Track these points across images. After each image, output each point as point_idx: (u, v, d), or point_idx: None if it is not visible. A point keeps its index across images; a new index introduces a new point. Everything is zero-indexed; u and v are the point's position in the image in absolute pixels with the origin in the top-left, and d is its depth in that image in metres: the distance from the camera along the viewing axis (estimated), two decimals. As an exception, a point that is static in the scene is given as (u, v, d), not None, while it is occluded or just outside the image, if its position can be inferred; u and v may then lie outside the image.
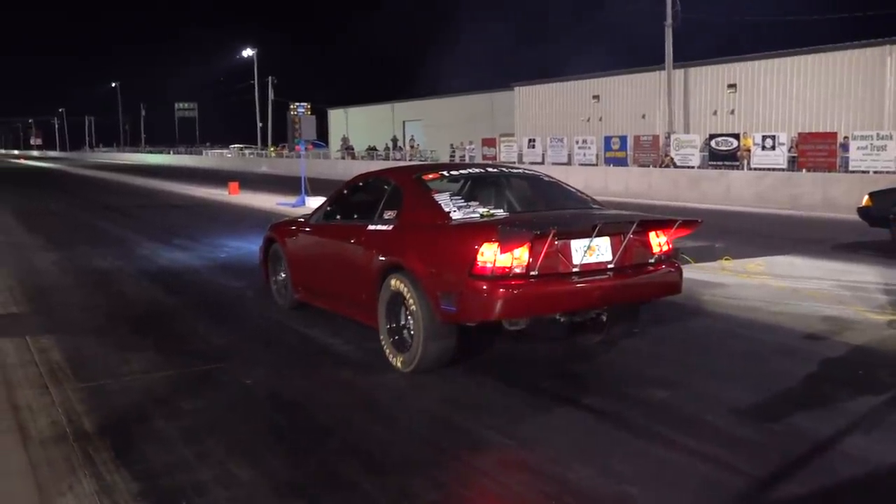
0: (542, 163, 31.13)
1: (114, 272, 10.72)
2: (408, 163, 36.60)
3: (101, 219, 19.10)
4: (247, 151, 69.32)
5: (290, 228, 8.12)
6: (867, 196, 13.60)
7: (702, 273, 9.78)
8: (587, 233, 5.53)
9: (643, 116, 36.77)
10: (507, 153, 34.23)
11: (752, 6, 45.90)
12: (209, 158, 70.60)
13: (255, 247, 9.43)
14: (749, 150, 24.45)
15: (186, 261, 11.76)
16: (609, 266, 5.70)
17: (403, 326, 5.99)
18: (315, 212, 7.87)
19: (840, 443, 4.44)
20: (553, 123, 40.66)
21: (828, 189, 20.20)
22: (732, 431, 4.65)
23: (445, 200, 6.08)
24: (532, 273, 5.37)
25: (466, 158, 36.83)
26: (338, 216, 7.35)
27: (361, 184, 7.53)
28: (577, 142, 31.04)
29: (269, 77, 65.57)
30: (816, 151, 22.87)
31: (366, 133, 57.91)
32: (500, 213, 6.03)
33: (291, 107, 21.03)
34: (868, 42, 29.05)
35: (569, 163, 30.74)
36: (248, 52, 66.89)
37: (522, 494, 3.94)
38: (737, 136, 25.80)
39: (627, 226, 5.73)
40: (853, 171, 21.09)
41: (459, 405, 5.19)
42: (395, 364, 5.95)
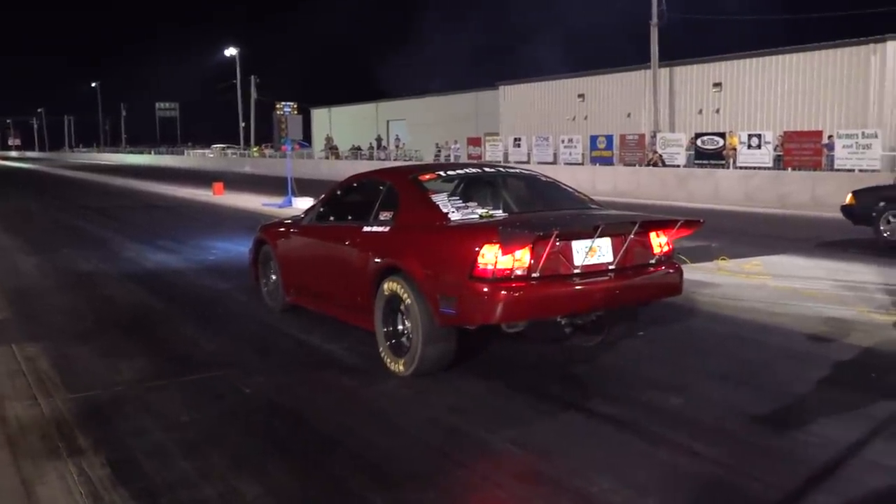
0: (528, 162, 31.03)
1: (99, 275, 10.47)
2: (392, 163, 36.42)
3: (83, 220, 18.78)
4: (229, 151, 68.74)
5: (281, 230, 7.95)
6: (850, 194, 13.62)
7: (699, 273, 9.67)
8: (589, 234, 5.43)
9: (629, 115, 36.72)
10: (493, 152, 34.09)
11: (738, 5, 46.03)
12: (191, 158, 69.98)
13: (243, 248, 9.24)
14: (735, 149, 24.45)
15: (173, 263, 11.51)
16: (610, 267, 5.60)
17: (401, 330, 5.86)
18: (307, 213, 7.71)
19: (863, 450, 4.31)
20: (538, 122, 40.52)
21: (816, 188, 20.21)
22: (755, 440, 4.51)
23: (443, 201, 5.96)
24: (533, 275, 5.25)
25: (452, 158, 36.69)
26: (331, 217, 7.21)
27: (355, 184, 7.39)
28: (563, 141, 30.96)
29: (252, 76, 65.06)
30: (802, 150, 22.92)
31: (350, 133, 57.52)
32: (500, 214, 5.90)
33: (277, 106, 20.81)
34: (852, 41, 29.10)
35: (554, 162, 30.65)
36: (231, 52, 66.30)
37: (546, 510, 3.78)
38: (722, 135, 25.78)
39: (629, 226, 5.62)
40: (839, 170, 21.14)
41: (467, 413, 5.02)
42: (393, 368, 5.81)
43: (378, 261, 6.00)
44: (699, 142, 25.91)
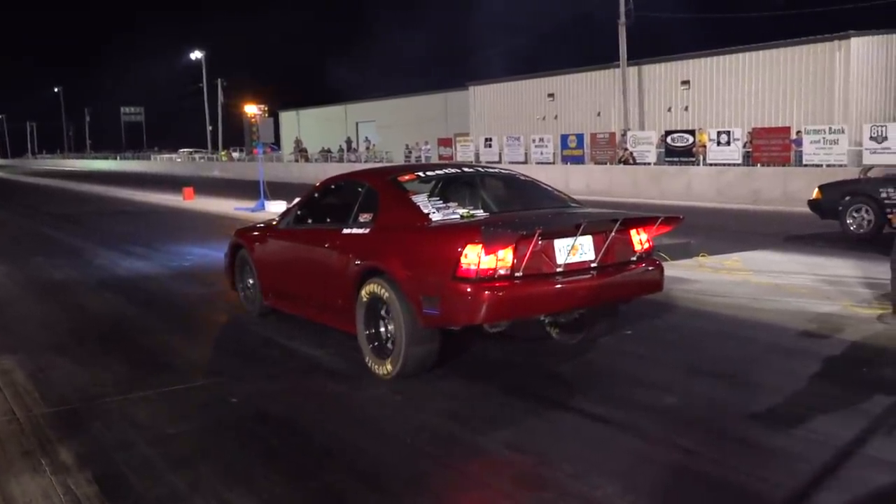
0: (500, 162, 30.99)
1: (71, 284, 10.22)
2: (363, 165, 36.25)
3: (52, 228, 18.42)
4: (197, 156, 68.03)
5: (258, 234, 7.85)
6: (817, 189, 13.78)
7: (680, 270, 9.68)
8: (571, 232, 5.40)
9: (598, 114, 36.90)
10: (464, 153, 34.08)
11: (703, 3, 46.44)
12: (158, 163, 69.17)
13: (218, 253, 9.09)
14: (705, 146, 24.65)
15: (148, 270, 11.29)
16: (592, 265, 5.58)
17: (383, 332, 5.80)
18: (283, 216, 7.61)
19: (864, 447, 4.28)
20: (509, 122, 40.57)
21: (787, 184, 20.39)
22: (753, 438, 4.46)
23: (423, 202, 5.91)
24: (517, 274, 5.21)
25: (423, 159, 36.57)
26: (309, 220, 7.13)
27: (333, 186, 7.30)
28: (534, 140, 31.00)
29: (219, 79, 64.45)
30: (770, 146, 23.16)
31: (319, 135, 57.22)
32: (481, 214, 5.86)
33: (248, 110, 20.51)
34: (818, 38, 29.52)
35: (526, 161, 30.68)
36: (197, 55, 65.67)
37: (550, 516, 3.70)
38: (692, 133, 25.99)
39: (611, 224, 5.59)
40: (807, 165, 21.38)
41: (459, 417, 4.94)
42: (377, 371, 5.74)
43: (359, 263, 5.94)
44: (669, 139, 26.08)
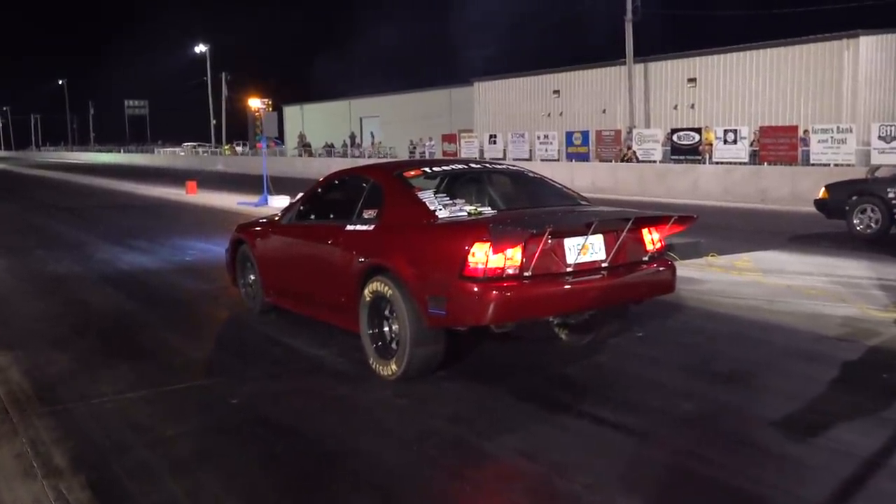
0: (504, 158, 30.81)
1: (73, 278, 10.08)
2: (367, 160, 36.07)
3: (54, 220, 18.28)
4: (201, 150, 67.90)
5: (260, 229, 7.70)
6: (823, 188, 13.62)
7: (690, 270, 9.50)
8: (582, 231, 5.23)
9: (604, 111, 36.73)
10: (468, 149, 33.89)
11: (711, 0, 46.19)
12: (161, 157, 69.05)
13: (221, 249, 8.94)
14: (711, 144, 24.43)
15: (150, 264, 11.14)
16: (603, 265, 5.42)
17: (387, 332, 5.65)
18: (286, 211, 7.46)
19: (891, 457, 4.12)
20: (513, 119, 40.41)
21: (796, 183, 20.18)
22: (773, 447, 4.29)
23: (430, 198, 5.75)
24: (525, 274, 5.05)
25: (427, 155, 36.44)
26: (312, 216, 6.96)
27: (337, 182, 7.15)
28: (539, 137, 30.80)
29: (223, 73, 64.36)
30: (778, 145, 22.94)
31: (322, 130, 57.05)
32: (488, 212, 5.68)
33: (252, 104, 20.37)
34: (826, 36, 29.32)
35: (530, 158, 30.48)
36: (201, 49, 65.50)
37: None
38: (698, 131, 25.77)
39: (623, 223, 5.42)
40: (814, 164, 21.18)
41: (469, 422, 4.77)
42: (379, 372, 5.59)
43: (363, 260, 5.79)
44: (675, 137, 25.87)
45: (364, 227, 5.97)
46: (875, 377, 5.51)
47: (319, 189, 7.19)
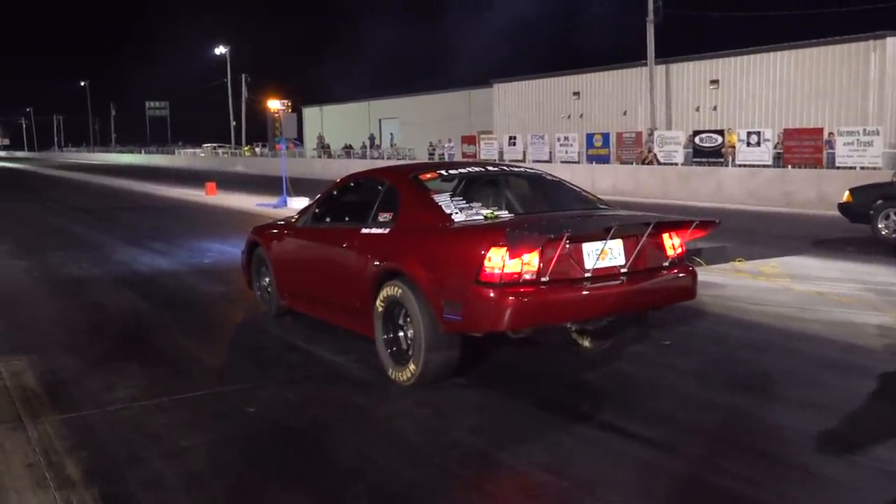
0: (524, 160, 30.63)
1: (91, 280, 10.02)
2: (386, 162, 35.99)
3: (74, 222, 18.30)
4: (220, 151, 68.17)
5: (275, 231, 7.60)
6: (847, 192, 13.37)
7: (717, 276, 9.31)
8: (601, 235, 5.11)
9: (624, 113, 36.40)
10: (488, 151, 33.74)
11: (734, 1, 45.76)
12: (182, 158, 69.42)
13: (239, 250, 8.84)
14: (734, 147, 24.13)
15: (167, 267, 11.08)
16: (622, 271, 5.27)
17: (402, 337, 5.54)
18: (301, 214, 7.36)
19: (935, 478, 3.93)
20: (533, 120, 40.17)
21: (821, 186, 19.87)
22: (816, 467, 4.09)
23: (446, 201, 5.64)
24: (543, 279, 4.92)
25: (446, 156, 36.29)
26: (327, 218, 6.88)
27: (352, 184, 7.04)
28: (559, 139, 30.58)
29: (243, 75, 64.57)
30: (802, 147, 22.61)
31: (342, 131, 57.06)
32: (505, 215, 5.55)
33: (271, 105, 20.27)
34: (852, 37, 28.85)
35: (550, 160, 30.27)
36: (221, 50, 65.75)
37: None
38: (721, 133, 25.48)
39: (643, 228, 5.28)
40: (839, 167, 20.85)
41: (493, 434, 4.61)
42: (394, 377, 5.49)
43: (377, 264, 5.69)
44: (697, 140, 25.60)
45: (379, 231, 5.85)
46: (914, 390, 5.31)
47: (335, 191, 7.09)
